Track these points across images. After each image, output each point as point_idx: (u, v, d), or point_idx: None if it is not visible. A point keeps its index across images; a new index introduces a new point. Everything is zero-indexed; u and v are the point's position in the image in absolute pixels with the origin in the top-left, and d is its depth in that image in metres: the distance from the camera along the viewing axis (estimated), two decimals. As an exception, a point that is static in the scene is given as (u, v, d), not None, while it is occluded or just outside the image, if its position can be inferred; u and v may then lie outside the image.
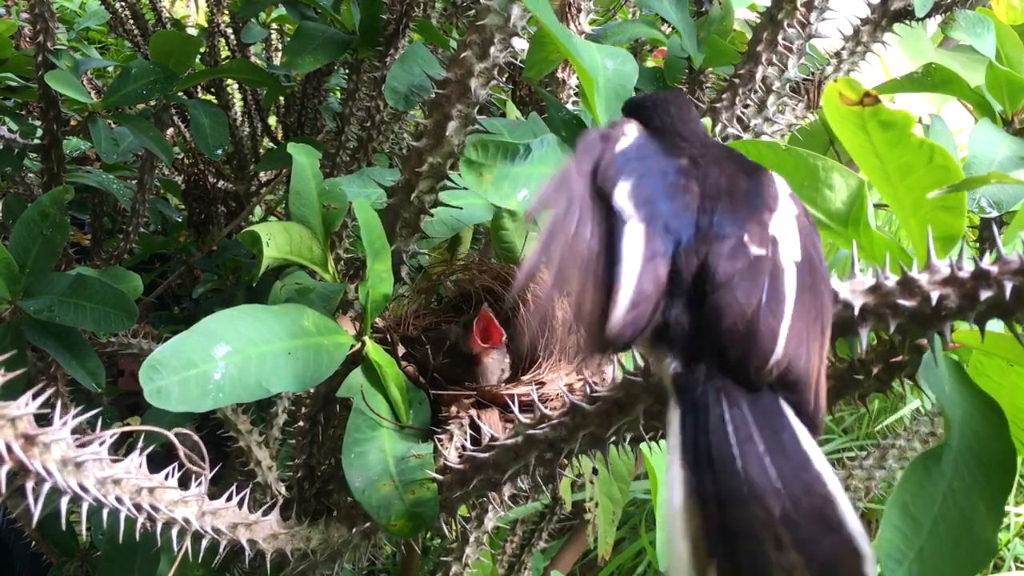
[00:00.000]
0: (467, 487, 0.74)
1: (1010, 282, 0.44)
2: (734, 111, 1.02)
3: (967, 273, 0.46)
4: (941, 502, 0.49)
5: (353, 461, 0.78)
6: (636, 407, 0.61)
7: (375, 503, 0.76)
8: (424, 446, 0.80)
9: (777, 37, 0.99)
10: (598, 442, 0.65)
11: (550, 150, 0.81)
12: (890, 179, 0.55)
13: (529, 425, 0.69)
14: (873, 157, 0.54)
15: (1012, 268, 0.45)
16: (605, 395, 0.63)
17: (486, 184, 0.77)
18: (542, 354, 0.91)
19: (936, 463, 0.49)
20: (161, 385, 0.69)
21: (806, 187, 0.64)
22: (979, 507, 0.49)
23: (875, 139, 0.53)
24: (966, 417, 0.51)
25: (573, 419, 0.65)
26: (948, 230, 0.54)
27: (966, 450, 0.50)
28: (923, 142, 0.52)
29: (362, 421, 0.80)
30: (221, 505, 0.75)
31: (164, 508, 0.69)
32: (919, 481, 0.49)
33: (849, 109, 0.52)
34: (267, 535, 0.79)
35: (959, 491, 0.49)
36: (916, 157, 0.52)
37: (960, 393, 0.52)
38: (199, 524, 0.72)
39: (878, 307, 0.48)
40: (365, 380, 0.82)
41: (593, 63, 0.85)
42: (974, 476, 0.50)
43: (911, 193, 0.54)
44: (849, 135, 0.54)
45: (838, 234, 0.64)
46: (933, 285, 0.47)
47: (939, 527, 0.48)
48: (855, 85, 0.51)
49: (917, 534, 0.48)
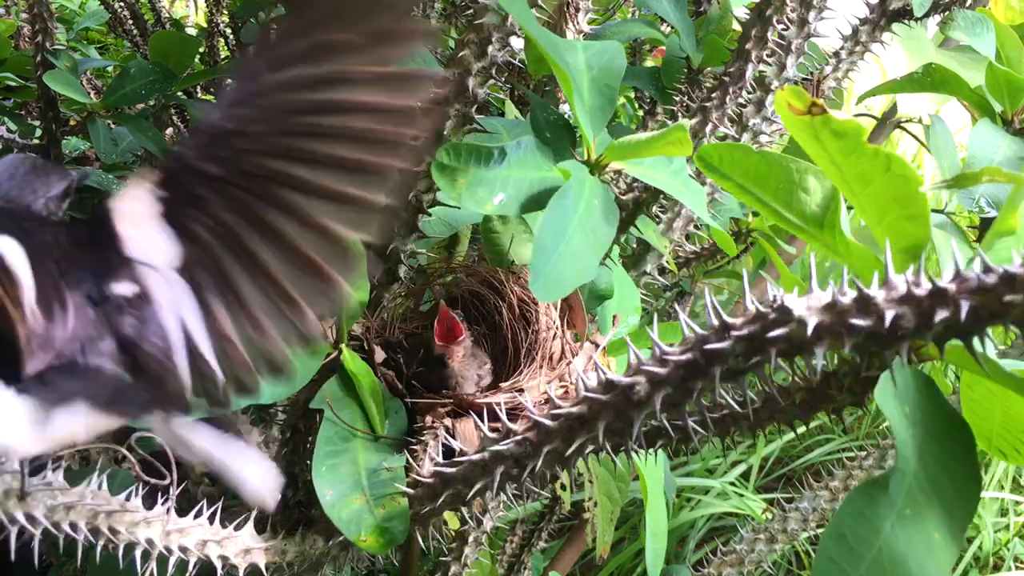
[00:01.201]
0: (436, 501, 0.73)
1: (967, 302, 0.42)
2: (724, 110, 1.00)
3: (924, 291, 0.44)
4: (887, 532, 0.47)
5: (324, 474, 0.76)
6: (597, 424, 0.59)
7: (345, 518, 0.74)
8: (397, 458, 0.78)
9: (767, 34, 0.97)
10: (561, 458, 0.63)
11: (528, 153, 0.80)
12: (852, 188, 0.53)
13: (495, 439, 0.67)
14: (832, 166, 0.52)
15: (970, 287, 0.42)
16: (567, 411, 0.61)
17: (460, 189, 0.75)
18: (524, 360, 0.89)
19: (883, 491, 0.47)
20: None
21: (781, 190, 0.62)
22: (933, 536, 0.47)
23: (829, 148, 0.51)
24: (928, 438, 0.49)
25: (537, 435, 0.64)
26: (913, 240, 0.52)
27: (922, 475, 0.48)
28: (878, 151, 0.50)
29: (335, 432, 0.79)
30: (188, 523, 0.73)
31: (124, 531, 0.67)
32: (859, 510, 0.47)
33: (800, 118, 0.50)
34: (239, 550, 0.78)
35: (911, 519, 0.47)
36: (872, 166, 0.50)
37: (925, 411, 0.50)
38: (164, 544, 0.70)
39: (833, 325, 0.46)
40: (339, 390, 0.81)
41: (575, 64, 0.83)
42: (930, 502, 0.47)
43: (873, 202, 0.52)
44: (807, 144, 0.53)
45: (814, 238, 0.62)
46: (889, 304, 0.45)
47: (882, 559, 0.46)
48: (801, 95, 0.49)
49: (856, 566, 0.46)
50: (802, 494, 1.22)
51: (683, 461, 1.91)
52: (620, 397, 0.57)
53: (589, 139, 0.82)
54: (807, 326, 0.47)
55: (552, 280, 0.72)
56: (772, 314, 0.48)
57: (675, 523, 1.77)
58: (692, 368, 0.53)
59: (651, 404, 0.55)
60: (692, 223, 1.18)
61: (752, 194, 0.64)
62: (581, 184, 0.77)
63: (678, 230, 1.17)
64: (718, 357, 0.51)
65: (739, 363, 0.51)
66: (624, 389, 0.56)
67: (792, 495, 1.24)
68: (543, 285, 0.71)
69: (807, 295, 0.48)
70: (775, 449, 1.97)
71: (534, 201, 0.78)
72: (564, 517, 1.48)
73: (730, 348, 0.50)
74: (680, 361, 0.53)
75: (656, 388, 0.55)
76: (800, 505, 1.22)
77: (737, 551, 1.25)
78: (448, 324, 0.86)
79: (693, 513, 1.79)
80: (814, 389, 0.60)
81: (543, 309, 0.91)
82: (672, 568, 1.37)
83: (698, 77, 1.28)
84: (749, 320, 0.50)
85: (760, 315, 0.49)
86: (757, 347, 0.49)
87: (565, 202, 0.74)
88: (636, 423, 0.57)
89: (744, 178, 0.64)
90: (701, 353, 0.52)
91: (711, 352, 0.51)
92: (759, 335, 0.49)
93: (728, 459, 1.90)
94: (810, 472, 1.39)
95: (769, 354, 0.49)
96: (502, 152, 0.77)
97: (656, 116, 1.45)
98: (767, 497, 1.87)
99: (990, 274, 0.42)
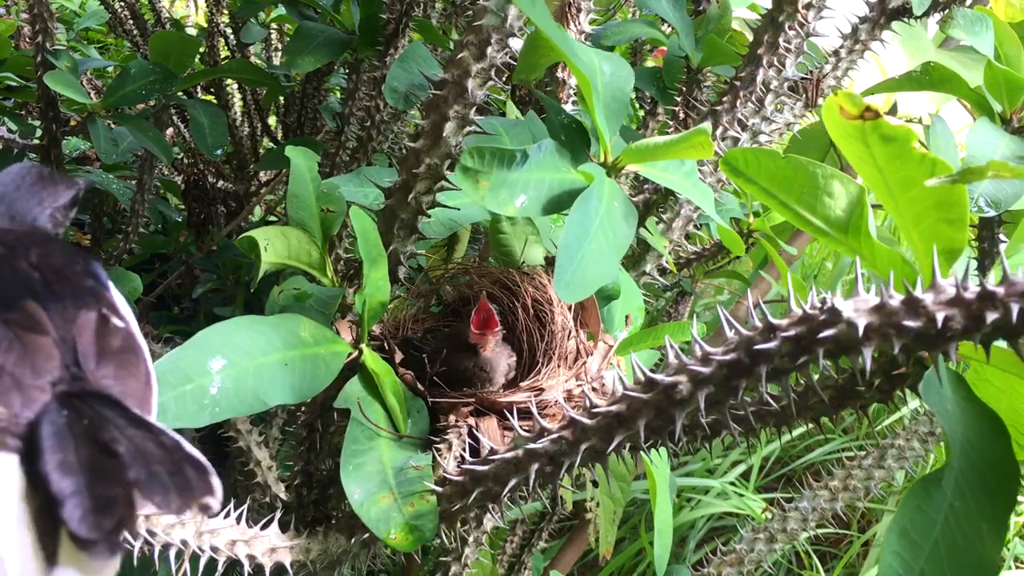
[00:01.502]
0: (467, 499, 0.74)
1: (1017, 304, 0.44)
2: (735, 114, 1.01)
3: (973, 294, 0.45)
4: (942, 523, 0.48)
5: (351, 472, 0.77)
6: (637, 422, 0.60)
7: (374, 516, 0.75)
8: (423, 457, 0.79)
9: (778, 40, 0.98)
10: (599, 455, 0.65)
11: (548, 155, 0.80)
12: (892, 192, 0.54)
13: (528, 438, 0.68)
14: (874, 170, 0.53)
15: (1019, 290, 0.44)
16: (605, 409, 0.62)
17: (483, 191, 0.76)
18: (541, 359, 0.90)
19: (936, 485, 0.49)
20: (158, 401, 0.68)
21: (805, 195, 0.63)
22: (981, 526, 0.48)
23: (876, 153, 0.52)
24: (968, 434, 0.51)
25: (573, 433, 0.65)
26: (950, 243, 0.54)
27: (968, 468, 0.49)
28: (924, 156, 0.51)
29: (360, 432, 0.79)
30: (219, 523, 0.74)
31: (161, 532, 0.68)
32: (918, 504, 0.49)
33: (850, 123, 0.51)
34: (266, 549, 0.78)
35: (960, 511, 0.48)
36: (917, 171, 0.51)
37: (962, 408, 0.52)
38: (196, 544, 0.71)
39: (882, 327, 0.48)
40: (362, 389, 0.81)
41: (591, 67, 0.84)
42: (976, 495, 0.49)
43: (912, 206, 0.53)
44: (850, 148, 0.54)
45: (839, 242, 0.63)
46: (939, 306, 0.46)
47: (939, 548, 0.47)
48: (856, 99, 0.50)
49: (916, 558, 0.48)
50: (802, 494, 1.23)
51: (683, 461, 1.93)
52: (662, 396, 0.58)
53: (606, 141, 0.83)
54: (857, 328, 0.48)
55: (576, 281, 0.73)
56: (821, 316, 0.50)
57: (675, 523, 1.78)
58: (737, 367, 0.54)
59: (694, 402, 0.57)
60: (692, 223, 1.19)
61: (776, 198, 0.65)
62: (601, 186, 0.78)
63: (678, 230, 1.18)
64: (764, 357, 0.52)
65: (785, 363, 0.52)
66: (666, 388, 0.58)
67: (792, 495, 1.25)
68: (567, 286, 0.72)
69: (854, 297, 0.50)
70: (775, 449, 1.99)
71: (555, 203, 0.79)
72: (564, 517, 1.49)
73: (777, 348, 0.52)
74: (724, 361, 0.54)
75: (699, 387, 0.56)
76: (800, 505, 1.23)
77: (737, 551, 1.26)
78: (485, 315, 0.87)
79: (693, 513, 1.80)
80: (843, 387, 0.62)
81: (558, 309, 0.92)
82: (672, 568, 1.38)
83: (697, 76, 1.29)
84: (796, 321, 0.51)
85: (808, 316, 0.51)
86: (805, 347, 0.51)
87: (588, 204, 0.75)
88: (678, 421, 0.58)
89: (769, 182, 0.65)
90: (747, 353, 0.53)
91: (758, 352, 0.52)
92: (807, 336, 0.50)
93: (728, 459, 1.92)
94: (810, 472, 1.40)
95: (817, 354, 0.50)
96: (524, 155, 0.78)
97: (657, 116, 1.47)
98: (767, 497, 1.89)
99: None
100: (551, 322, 0.92)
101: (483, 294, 0.91)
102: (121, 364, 0.55)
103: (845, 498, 1.22)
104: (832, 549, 1.90)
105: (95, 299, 0.58)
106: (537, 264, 0.98)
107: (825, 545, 1.91)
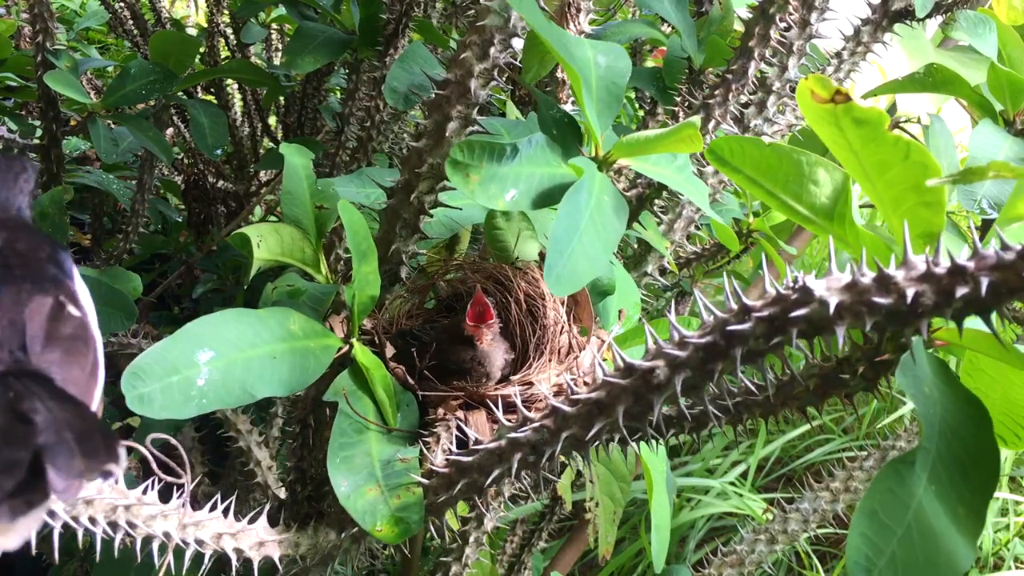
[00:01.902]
0: (452, 490, 0.74)
1: (986, 278, 0.43)
2: (727, 107, 1.01)
3: (943, 269, 0.45)
4: (916, 507, 0.48)
5: (339, 465, 0.77)
6: (616, 408, 0.60)
7: (360, 508, 0.75)
8: (411, 449, 0.79)
9: (769, 32, 0.98)
10: (580, 444, 0.64)
11: (539, 149, 0.80)
12: (868, 176, 0.54)
13: (511, 427, 0.68)
14: (850, 154, 0.53)
15: (989, 264, 0.43)
16: (585, 397, 0.62)
17: (473, 185, 0.76)
18: (533, 354, 0.90)
19: (910, 468, 0.48)
20: (143, 392, 0.68)
21: (790, 183, 0.63)
22: (958, 511, 0.48)
23: (849, 136, 0.52)
24: (947, 416, 0.50)
25: (555, 421, 0.65)
26: (928, 226, 0.53)
27: (945, 451, 0.49)
28: (898, 139, 0.51)
29: (348, 425, 0.79)
30: (204, 516, 0.74)
31: (142, 524, 0.68)
32: (889, 487, 0.48)
33: (822, 107, 0.51)
34: (254, 543, 0.78)
35: (937, 494, 0.48)
36: (892, 154, 0.51)
37: (942, 392, 0.51)
38: (180, 537, 0.71)
39: (854, 305, 0.47)
40: (352, 383, 0.81)
41: (584, 61, 0.84)
42: (952, 479, 0.48)
43: (890, 190, 0.53)
44: (825, 132, 0.54)
45: (823, 229, 0.63)
46: (909, 282, 0.46)
47: (912, 532, 0.47)
48: (826, 83, 0.50)
49: (887, 541, 0.47)
50: (803, 495, 1.22)
51: (683, 461, 1.92)
52: (640, 381, 0.58)
53: (597, 136, 0.83)
54: (828, 306, 0.48)
55: (566, 275, 0.72)
56: (793, 295, 0.49)
57: (675, 523, 1.77)
58: (712, 350, 0.54)
59: (671, 387, 0.56)
60: (693, 224, 1.19)
61: (762, 187, 0.65)
62: (592, 180, 0.78)
63: (679, 231, 1.18)
64: (739, 338, 0.52)
65: (759, 344, 0.52)
66: (644, 373, 0.57)
67: (792, 495, 1.25)
68: (557, 279, 0.72)
69: (827, 276, 0.49)
70: (775, 449, 1.98)
71: (545, 197, 0.79)
72: (564, 517, 1.49)
73: (751, 329, 0.51)
74: (700, 343, 0.54)
75: (676, 371, 0.56)
76: (801, 506, 1.22)
77: (737, 551, 1.26)
78: (481, 308, 0.87)
79: (693, 513, 1.79)
80: (827, 375, 0.61)
81: (550, 304, 0.92)
82: (672, 568, 1.37)
83: (699, 78, 1.29)
84: (770, 302, 0.51)
85: (781, 296, 0.50)
86: (778, 328, 0.50)
87: (578, 198, 0.75)
88: (656, 407, 0.58)
89: (754, 171, 0.65)
90: (722, 335, 0.53)
91: (732, 333, 0.52)
92: (780, 316, 0.50)
93: (728, 459, 1.91)
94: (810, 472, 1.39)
95: (790, 334, 0.50)
96: (514, 149, 0.78)
97: (657, 116, 1.46)
98: (767, 497, 1.88)
99: (1008, 251, 0.43)
100: (543, 317, 0.92)
101: (478, 287, 0.91)
102: (68, 351, 0.55)
103: (846, 499, 1.22)
104: (832, 549, 1.90)
105: (54, 286, 0.59)
106: (531, 259, 0.98)
107: (825, 545, 1.90)
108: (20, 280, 0.57)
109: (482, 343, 0.87)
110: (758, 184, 0.65)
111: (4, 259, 0.59)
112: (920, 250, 0.49)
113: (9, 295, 0.55)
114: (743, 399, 0.65)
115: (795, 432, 1.97)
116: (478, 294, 0.89)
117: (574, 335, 0.92)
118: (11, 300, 0.55)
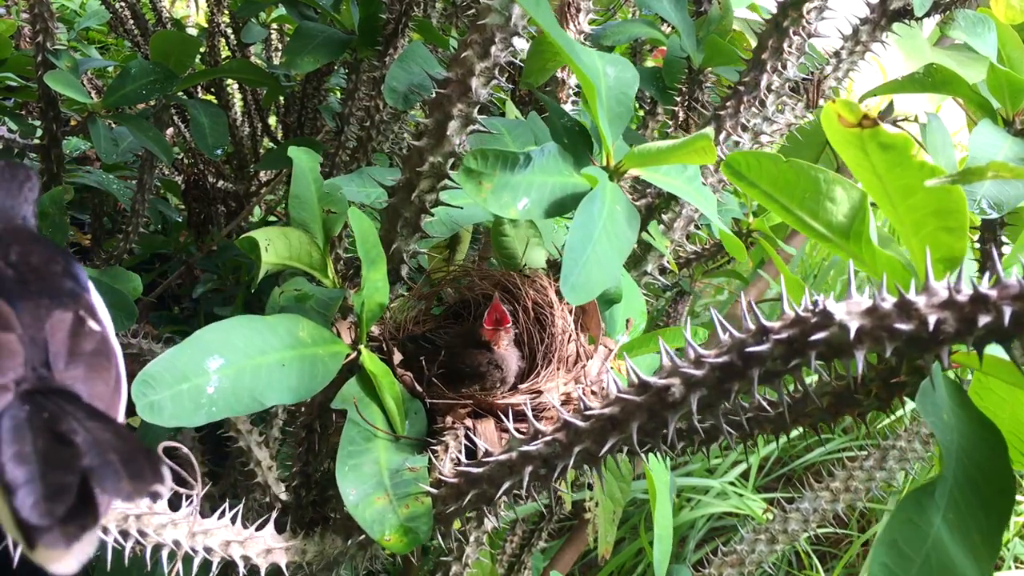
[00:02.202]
0: (462, 501, 0.74)
1: (1009, 307, 0.43)
2: (739, 119, 1.01)
3: (965, 297, 0.45)
4: (934, 536, 0.48)
5: (347, 473, 0.77)
6: (631, 424, 0.60)
7: (369, 517, 0.75)
8: (419, 458, 0.79)
9: (783, 45, 0.98)
10: (592, 458, 0.64)
11: (551, 159, 0.81)
12: (891, 200, 0.54)
13: (523, 440, 0.68)
14: (873, 177, 0.53)
15: (1011, 293, 0.44)
16: (599, 412, 0.62)
17: (485, 193, 0.76)
18: (541, 362, 0.90)
19: (929, 497, 0.49)
20: (153, 400, 0.68)
21: (807, 199, 0.63)
22: (974, 538, 0.48)
23: (875, 160, 0.52)
24: (964, 443, 0.50)
25: (567, 435, 0.65)
26: (950, 251, 0.53)
27: (963, 479, 0.49)
28: (923, 164, 0.51)
29: (357, 432, 0.79)
30: (213, 524, 0.74)
31: (152, 532, 0.68)
32: (910, 517, 0.49)
33: (848, 131, 0.51)
34: (261, 550, 0.78)
35: (953, 523, 0.48)
36: (917, 179, 0.51)
37: (959, 418, 0.52)
38: (189, 545, 0.71)
39: (874, 330, 0.47)
40: (360, 390, 0.81)
41: (594, 69, 0.84)
42: (970, 506, 0.49)
43: (912, 214, 0.53)
44: (849, 155, 0.54)
45: (840, 248, 0.63)
46: (931, 309, 0.46)
47: (930, 562, 0.47)
48: (853, 107, 0.50)
49: (907, 571, 0.47)
50: (803, 495, 1.23)
51: (683, 461, 1.92)
52: (655, 398, 0.58)
53: (609, 145, 0.83)
54: (849, 330, 0.48)
55: (581, 284, 0.73)
56: (813, 318, 0.49)
57: (675, 523, 1.77)
58: (729, 370, 0.54)
59: (686, 405, 0.56)
60: (692, 223, 1.19)
61: (778, 202, 0.65)
62: (604, 190, 0.78)
63: (679, 230, 1.18)
64: (756, 359, 0.52)
65: (777, 365, 0.52)
66: (659, 391, 0.58)
67: (792, 495, 1.25)
68: (572, 288, 0.73)
69: (846, 300, 0.49)
70: (775, 449, 1.98)
71: (557, 206, 0.79)
72: (564, 517, 1.49)
73: (769, 351, 0.51)
74: (717, 363, 0.54)
75: (692, 389, 0.56)
76: (801, 506, 1.23)
77: (738, 551, 1.26)
78: (498, 315, 0.88)
79: (693, 513, 1.80)
80: (841, 393, 0.62)
81: (558, 313, 0.92)
82: (673, 568, 1.38)
83: (699, 77, 1.29)
84: (789, 323, 0.51)
85: (800, 319, 0.50)
86: (797, 350, 0.51)
87: (592, 208, 0.76)
88: (671, 424, 0.58)
89: (771, 186, 0.65)
90: (739, 355, 0.53)
91: (750, 355, 0.52)
92: (799, 339, 0.50)
93: (728, 459, 1.91)
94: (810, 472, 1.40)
95: (809, 357, 0.50)
96: (527, 158, 0.78)
97: (656, 116, 1.47)
98: (767, 497, 1.89)
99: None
100: (551, 325, 0.92)
101: (496, 294, 0.91)
102: (91, 367, 0.55)
103: (846, 499, 1.22)
104: (832, 549, 1.90)
105: (73, 300, 0.58)
106: (539, 267, 0.98)
107: (825, 545, 1.91)
108: (38, 295, 0.56)
109: (499, 347, 0.87)
110: (774, 200, 0.65)
111: (20, 275, 0.58)
112: (940, 275, 0.49)
113: (28, 311, 0.55)
114: (755, 415, 0.65)
115: (795, 432, 1.97)
116: (496, 301, 0.89)
117: (582, 344, 0.92)
118: (31, 316, 0.54)
